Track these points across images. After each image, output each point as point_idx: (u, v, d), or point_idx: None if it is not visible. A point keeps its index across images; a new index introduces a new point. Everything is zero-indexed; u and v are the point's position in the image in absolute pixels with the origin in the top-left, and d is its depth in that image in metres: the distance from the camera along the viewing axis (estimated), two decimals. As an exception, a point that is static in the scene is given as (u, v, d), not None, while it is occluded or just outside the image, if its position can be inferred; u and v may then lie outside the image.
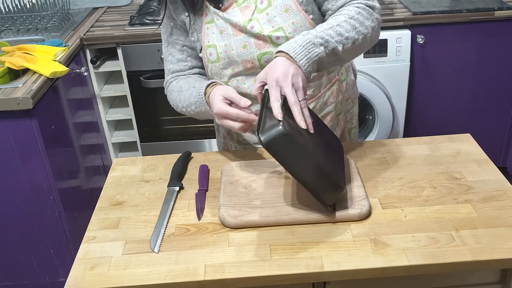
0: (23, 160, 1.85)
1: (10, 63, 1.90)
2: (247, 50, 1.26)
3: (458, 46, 2.35)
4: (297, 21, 1.23)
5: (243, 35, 1.25)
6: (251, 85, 1.30)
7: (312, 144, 1.06)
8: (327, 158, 1.10)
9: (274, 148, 1.00)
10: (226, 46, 1.26)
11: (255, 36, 1.24)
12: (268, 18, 1.23)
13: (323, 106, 1.38)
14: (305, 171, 1.03)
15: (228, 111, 1.16)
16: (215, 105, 1.18)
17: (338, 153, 1.19)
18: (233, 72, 1.30)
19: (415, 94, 2.45)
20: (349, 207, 1.11)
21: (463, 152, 1.32)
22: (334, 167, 1.11)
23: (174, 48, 1.35)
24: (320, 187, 1.05)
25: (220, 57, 1.28)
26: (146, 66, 2.34)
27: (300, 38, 1.09)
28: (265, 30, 1.23)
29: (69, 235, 2.02)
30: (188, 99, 1.29)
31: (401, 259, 0.99)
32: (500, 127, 2.55)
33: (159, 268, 1.01)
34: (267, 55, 1.25)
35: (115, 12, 2.59)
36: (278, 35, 1.23)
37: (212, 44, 1.28)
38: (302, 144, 1.02)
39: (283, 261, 1.00)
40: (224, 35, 1.26)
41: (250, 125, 1.18)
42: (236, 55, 1.26)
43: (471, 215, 1.09)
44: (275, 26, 1.23)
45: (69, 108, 2.11)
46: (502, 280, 1.06)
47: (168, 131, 2.53)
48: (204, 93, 1.24)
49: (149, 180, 1.30)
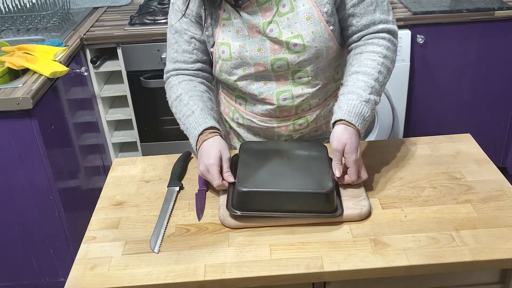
0: (23, 160, 1.84)
1: (10, 63, 1.90)
2: (261, 53, 1.24)
3: (458, 46, 2.35)
4: (317, 31, 1.21)
5: (259, 37, 1.23)
6: (259, 87, 1.29)
7: (276, 175, 1.13)
8: (299, 176, 1.12)
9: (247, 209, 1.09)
10: (241, 46, 1.24)
11: (272, 40, 1.22)
12: (288, 23, 1.21)
13: (327, 113, 1.38)
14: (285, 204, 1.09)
15: (212, 178, 1.16)
16: (207, 161, 1.17)
17: (319, 158, 1.18)
18: (244, 73, 1.28)
19: (415, 94, 2.45)
20: (349, 207, 1.11)
21: (463, 152, 1.32)
22: (312, 176, 1.12)
23: (181, 38, 1.31)
24: (309, 205, 1.08)
25: (233, 57, 1.26)
26: (146, 66, 2.34)
27: (357, 105, 1.16)
28: (284, 35, 1.21)
29: (69, 235, 2.01)
30: (183, 116, 1.26)
31: (401, 259, 0.99)
32: (500, 127, 2.55)
33: (159, 268, 1.01)
34: (281, 61, 1.24)
35: (115, 12, 2.58)
36: (296, 42, 1.21)
37: (226, 42, 1.25)
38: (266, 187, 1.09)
39: (283, 261, 1.00)
40: (240, 36, 1.24)
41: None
42: (250, 57, 1.25)
43: (471, 215, 1.09)
44: (294, 32, 1.21)
45: (69, 108, 2.11)
46: (502, 280, 1.06)
47: (168, 131, 2.53)
48: (197, 139, 1.22)
49: (149, 180, 1.30)
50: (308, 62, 1.25)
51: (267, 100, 1.30)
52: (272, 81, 1.28)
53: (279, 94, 1.29)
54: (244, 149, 1.23)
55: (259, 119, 1.36)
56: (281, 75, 1.27)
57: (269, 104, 1.31)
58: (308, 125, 1.37)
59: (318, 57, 1.25)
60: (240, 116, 1.39)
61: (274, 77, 1.28)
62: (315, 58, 1.24)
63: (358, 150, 1.14)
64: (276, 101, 1.30)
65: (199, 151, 1.20)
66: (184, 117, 1.26)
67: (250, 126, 1.39)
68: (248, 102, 1.35)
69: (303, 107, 1.33)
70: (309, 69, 1.26)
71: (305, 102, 1.32)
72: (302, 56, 1.23)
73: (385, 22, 1.25)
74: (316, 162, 1.17)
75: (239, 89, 1.32)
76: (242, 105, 1.37)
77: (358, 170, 1.14)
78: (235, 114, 1.40)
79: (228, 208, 1.10)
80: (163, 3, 2.59)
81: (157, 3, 2.60)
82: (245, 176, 1.12)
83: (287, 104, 1.31)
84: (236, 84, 1.30)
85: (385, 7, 1.25)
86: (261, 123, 1.36)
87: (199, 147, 1.20)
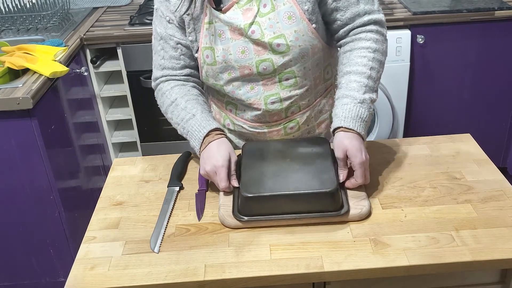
0: (23, 160, 1.84)
1: (10, 63, 1.90)
2: (245, 55, 1.22)
3: (458, 46, 2.35)
4: (299, 29, 1.20)
5: (242, 39, 1.22)
6: (246, 91, 1.28)
7: (280, 175, 1.13)
8: (303, 177, 1.12)
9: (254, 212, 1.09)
10: (224, 50, 1.23)
11: (255, 42, 1.21)
12: (270, 23, 1.20)
13: (318, 114, 1.37)
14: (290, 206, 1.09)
15: (220, 179, 1.16)
16: (216, 162, 1.16)
17: (322, 155, 1.19)
18: (229, 77, 1.27)
19: (415, 94, 2.45)
20: (349, 207, 1.11)
21: (463, 152, 1.32)
22: (317, 176, 1.12)
23: (167, 44, 1.29)
24: (314, 205, 1.08)
25: (217, 61, 1.25)
26: (146, 66, 2.34)
27: (352, 108, 1.16)
28: (266, 36, 1.20)
29: (69, 235, 2.01)
30: (181, 120, 1.25)
31: (401, 259, 0.99)
32: (500, 127, 2.55)
33: (159, 268, 1.01)
34: (266, 62, 1.23)
35: (115, 12, 2.58)
36: (279, 42, 1.20)
37: (210, 46, 1.24)
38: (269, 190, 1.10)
39: (283, 261, 1.00)
40: (223, 39, 1.23)
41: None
42: (234, 60, 1.23)
43: (471, 215, 1.09)
44: (276, 32, 1.20)
45: (69, 108, 2.11)
46: (502, 280, 1.06)
47: (168, 131, 2.53)
48: (202, 141, 1.21)
49: (149, 180, 1.30)
50: (294, 62, 1.23)
51: (255, 105, 1.29)
52: (259, 85, 1.27)
53: (267, 98, 1.28)
54: (247, 150, 1.23)
55: (249, 125, 1.35)
56: (267, 78, 1.26)
57: (256, 110, 1.30)
58: (300, 127, 1.35)
59: (304, 57, 1.24)
60: (231, 122, 1.38)
61: (261, 80, 1.26)
62: (301, 57, 1.23)
63: (362, 152, 1.13)
64: (264, 105, 1.29)
65: (205, 152, 1.19)
66: (183, 121, 1.25)
67: (241, 132, 1.38)
68: (238, 108, 1.34)
69: (292, 109, 1.32)
70: (295, 69, 1.25)
71: (294, 104, 1.31)
72: (287, 56, 1.22)
73: (370, 12, 1.23)
74: (319, 159, 1.17)
75: (227, 95, 1.31)
76: (233, 111, 1.36)
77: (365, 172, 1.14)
78: (226, 120, 1.39)
79: (234, 214, 1.11)
80: (163, 3, 2.59)
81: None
82: (249, 181, 1.12)
83: (276, 108, 1.29)
84: (223, 89, 1.29)
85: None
86: (252, 129, 1.35)
87: (205, 148, 1.20)
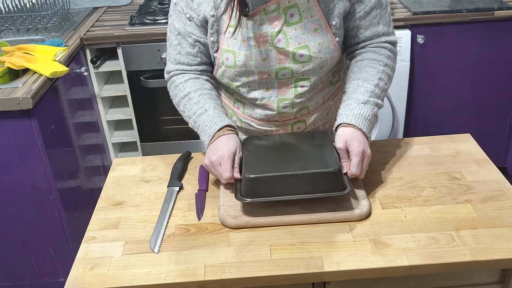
0: (23, 160, 1.84)
1: (10, 63, 1.90)
2: (266, 63, 1.23)
3: (458, 46, 2.35)
4: (323, 42, 1.21)
5: (265, 47, 1.22)
6: (261, 92, 1.29)
7: (282, 161, 1.14)
8: (305, 160, 1.13)
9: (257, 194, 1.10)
10: (246, 56, 1.23)
11: (278, 50, 1.22)
12: (295, 33, 1.20)
13: (325, 116, 1.39)
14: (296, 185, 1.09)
15: (223, 170, 1.16)
16: (222, 153, 1.16)
17: (323, 144, 1.19)
18: (247, 80, 1.27)
19: (415, 94, 2.45)
20: (349, 207, 1.11)
21: (463, 152, 1.32)
22: (319, 159, 1.13)
23: (185, 40, 1.28)
24: (318, 185, 1.08)
25: (237, 65, 1.24)
26: (146, 66, 2.34)
27: (354, 107, 1.18)
28: (291, 45, 1.21)
29: (69, 235, 2.01)
30: (193, 114, 1.26)
31: (401, 259, 0.99)
32: (500, 127, 2.55)
33: (159, 268, 1.01)
34: (286, 70, 1.24)
35: (115, 12, 2.58)
36: (302, 53, 1.21)
37: (232, 50, 1.24)
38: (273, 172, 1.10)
39: (283, 261, 1.00)
40: (246, 45, 1.22)
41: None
42: (255, 66, 1.24)
43: (471, 215, 1.09)
44: (301, 43, 1.21)
45: (69, 108, 2.11)
46: (502, 280, 1.06)
47: (168, 131, 2.53)
48: (212, 135, 1.22)
49: (149, 180, 1.30)
50: (312, 71, 1.25)
51: (268, 106, 1.30)
52: (274, 88, 1.28)
53: (280, 102, 1.29)
54: (248, 142, 1.24)
55: (257, 123, 1.36)
56: (283, 82, 1.27)
57: (269, 110, 1.32)
58: (306, 127, 1.37)
59: (322, 67, 1.25)
60: (238, 119, 1.39)
61: (277, 84, 1.28)
62: (319, 68, 1.25)
63: (362, 144, 1.14)
64: (276, 108, 1.30)
65: (213, 144, 1.20)
66: (195, 115, 1.25)
67: (248, 129, 1.39)
68: (246, 107, 1.35)
69: (302, 111, 1.34)
70: (312, 78, 1.27)
71: (304, 107, 1.33)
72: (307, 66, 1.23)
73: (387, 34, 1.28)
74: (320, 147, 1.18)
75: (239, 93, 1.32)
76: (240, 109, 1.37)
77: (361, 164, 1.13)
78: (232, 117, 1.40)
79: (236, 197, 1.10)
80: (163, 3, 2.59)
81: (157, 3, 2.60)
82: (252, 164, 1.13)
83: (287, 111, 1.32)
84: (238, 89, 1.30)
85: (387, 18, 1.28)
86: (259, 127, 1.36)
87: (214, 141, 1.20)
